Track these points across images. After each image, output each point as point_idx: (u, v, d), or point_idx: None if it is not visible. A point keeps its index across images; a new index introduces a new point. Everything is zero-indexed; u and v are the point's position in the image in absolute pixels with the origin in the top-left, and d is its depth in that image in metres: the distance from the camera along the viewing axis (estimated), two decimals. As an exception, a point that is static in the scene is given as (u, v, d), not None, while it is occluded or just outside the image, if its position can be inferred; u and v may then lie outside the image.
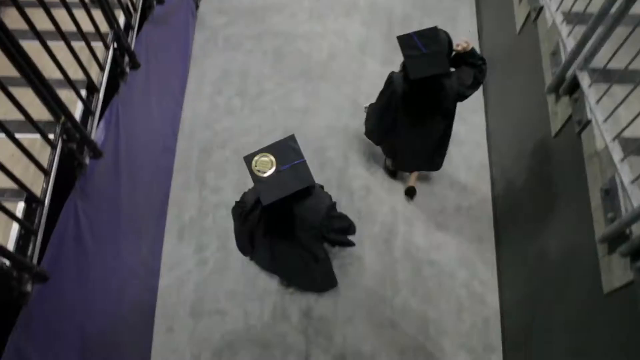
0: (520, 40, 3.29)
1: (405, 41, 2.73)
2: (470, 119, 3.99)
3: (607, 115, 2.11)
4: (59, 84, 2.06)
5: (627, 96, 1.94)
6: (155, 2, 3.36)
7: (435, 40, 2.72)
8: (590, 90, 2.29)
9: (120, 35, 2.66)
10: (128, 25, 2.89)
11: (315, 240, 2.57)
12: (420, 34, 2.72)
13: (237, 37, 4.44)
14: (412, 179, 3.73)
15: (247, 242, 2.78)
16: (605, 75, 2.24)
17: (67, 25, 2.12)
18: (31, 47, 1.82)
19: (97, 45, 2.50)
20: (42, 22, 1.91)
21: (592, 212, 2.12)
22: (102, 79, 2.49)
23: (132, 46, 2.88)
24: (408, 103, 2.96)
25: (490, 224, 3.59)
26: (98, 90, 2.44)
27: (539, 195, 2.84)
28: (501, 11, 3.75)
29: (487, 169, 3.81)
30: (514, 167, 3.33)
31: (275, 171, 2.20)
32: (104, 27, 2.53)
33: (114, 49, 2.66)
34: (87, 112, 2.34)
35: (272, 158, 2.23)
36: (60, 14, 2.06)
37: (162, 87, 3.61)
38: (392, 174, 3.82)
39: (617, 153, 2.02)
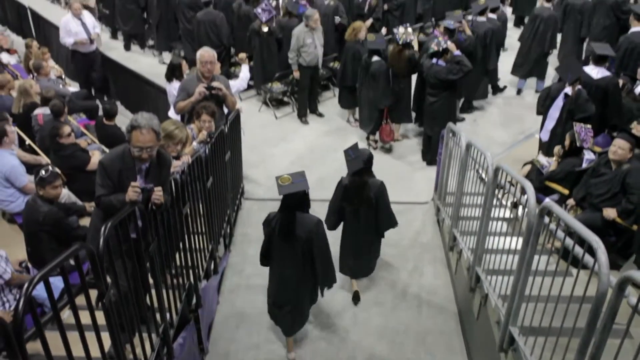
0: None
1: (345, 154, 5.06)
2: None
3: None
4: None
5: None
6: None
7: (357, 150, 5.02)
8: None
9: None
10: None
11: (309, 244, 4.34)
12: (351, 147, 5.07)
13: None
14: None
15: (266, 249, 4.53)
16: None
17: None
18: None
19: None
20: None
21: None
22: None
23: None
24: (349, 194, 5.08)
25: None
26: None
27: None
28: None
29: None
30: None
31: (291, 182, 4.19)
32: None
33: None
34: None
35: (290, 177, 4.23)
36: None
37: None
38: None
39: None
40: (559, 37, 9.58)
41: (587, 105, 6.35)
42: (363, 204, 5.10)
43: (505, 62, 9.78)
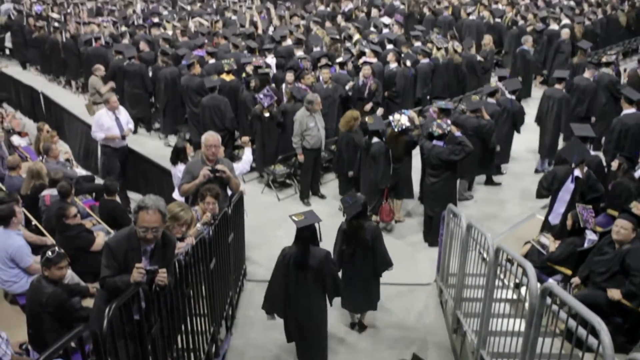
0: None
1: (343, 201, 5.82)
2: None
3: None
4: None
5: None
6: None
7: (354, 197, 5.70)
8: None
9: None
10: None
11: (320, 273, 5.06)
12: (348, 195, 5.87)
13: None
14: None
15: (279, 290, 5.21)
16: None
17: None
18: None
19: None
20: None
21: None
22: None
23: None
24: (347, 237, 5.66)
25: None
26: None
27: None
28: None
29: None
30: None
31: (304, 218, 5.03)
32: None
33: None
34: None
35: (302, 214, 5.12)
36: None
37: None
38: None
39: None
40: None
41: (598, 186, 6.55)
42: (360, 246, 5.63)
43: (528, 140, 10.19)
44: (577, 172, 6.59)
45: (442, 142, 7.43)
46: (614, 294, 5.08)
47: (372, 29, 14.02)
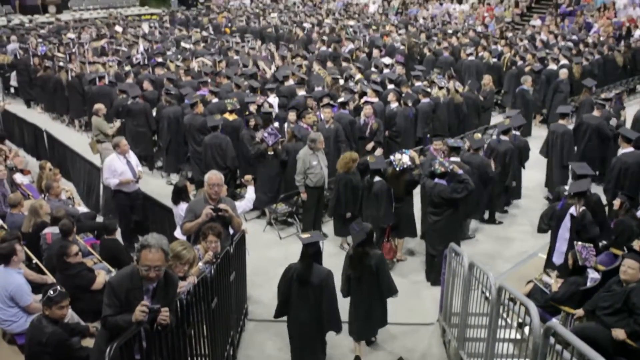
0: None
1: (351, 228, 6.13)
2: None
3: None
4: None
5: None
6: None
7: (360, 224, 6.05)
8: None
9: None
10: None
11: (320, 290, 5.47)
12: (355, 222, 6.29)
13: None
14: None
15: (285, 297, 5.63)
16: None
17: None
18: None
19: None
20: None
21: None
22: None
23: None
24: (353, 262, 5.93)
25: None
26: None
27: None
28: None
29: None
30: None
31: (310, 236, 5.58)
32: None
33: None
34: None
35: (309, 233, 5.79)
36: None
37: None
38: None
39: None
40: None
41: (592, 227, 6.59)
42: (365, 271, 5.89)
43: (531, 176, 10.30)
44: (572, 210, 6.65)
45: (444, 181, 7.49)
46: (619, 334, 5.07)
47: (373, 69, 14.29)
